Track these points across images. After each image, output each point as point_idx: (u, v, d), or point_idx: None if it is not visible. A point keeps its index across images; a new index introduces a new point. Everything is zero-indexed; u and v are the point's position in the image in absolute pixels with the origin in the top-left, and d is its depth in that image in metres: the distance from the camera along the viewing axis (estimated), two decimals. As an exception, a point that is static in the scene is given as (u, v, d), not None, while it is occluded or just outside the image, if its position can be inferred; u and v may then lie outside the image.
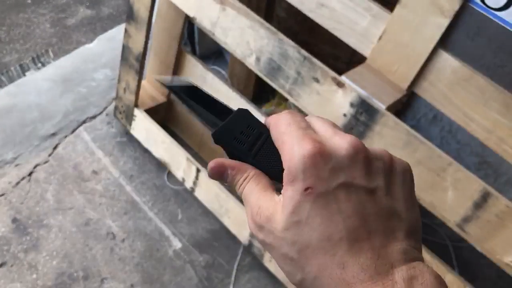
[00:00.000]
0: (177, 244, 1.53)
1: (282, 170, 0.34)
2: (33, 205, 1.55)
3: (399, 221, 0.33)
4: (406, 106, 1.58)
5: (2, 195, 1.57)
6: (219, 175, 0.38)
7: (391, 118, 1.05)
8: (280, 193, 0.35)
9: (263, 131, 0.38)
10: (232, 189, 0.39)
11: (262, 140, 0.38)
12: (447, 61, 1.01)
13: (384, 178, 0.34)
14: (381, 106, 1.05)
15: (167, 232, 1.55)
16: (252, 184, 0.37)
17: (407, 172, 0.35)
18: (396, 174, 0.34)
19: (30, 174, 1.63)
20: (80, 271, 1.43)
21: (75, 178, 1.64)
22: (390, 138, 1.06)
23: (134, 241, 1.51)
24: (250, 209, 0.36)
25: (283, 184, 0.34)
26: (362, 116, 1.08)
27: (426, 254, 1.14)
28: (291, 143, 0.34)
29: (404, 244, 0.32)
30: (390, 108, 1.06)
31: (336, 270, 0.31)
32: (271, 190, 0.36)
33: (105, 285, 1.41)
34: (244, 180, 0.37)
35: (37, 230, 1.50)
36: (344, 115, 1.11)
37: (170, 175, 1.69)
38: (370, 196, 0.33)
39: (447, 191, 1.01)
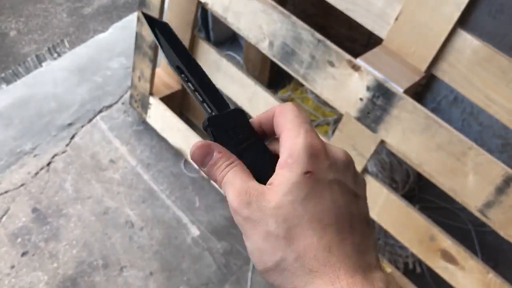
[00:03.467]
0: (195, 231, 1.53)
1: (267, 173, 0.37)
2: (52, 194, 1.57)
3: (372, 231, 0.37)
4: (425, 88, 1.54)
5: (22, 185, 1.58)
6: (203, 155, 0.39)
7: (409, 102, 1.01)
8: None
9: (253, 135, 0.40)
10: (209, 176, 0.40)
11: (250, 142, 0.40)
12: (466, 41, 0.96)
13: (365, 191, 0.39)
14: (399, 89, 1.02)
15: (185, 219, 1.55)
16: (237, 170, 0.38)
17: None
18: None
19: (48, 164, 1.64)
20: (99, 260, 1.44)
21: (92, 167, 1.65)
22: (408, 122, 1.03)
23: (152, 229, 1.52)
24: (236, 188, 0.36)
25: (278, 168, 0.36)
26: (379, 100, 1.05)
27: (448, 240, 1.11)
28: (297, 131, 0.36)
29: (376, 253, 0.36)
30: (408, 91, 1.03)
31: (322, 252, 0.33)
32: (254, 179, 0.38)
33: (124, 273, 1.42)
34: (229, 165, 0.38)
35: (56, 219, 1.51)
36: (361, 99, 1.08)
37: (187, 163, 1.68)
38: (356, 200, 0.37)
39: (468, 176, 0.98)
